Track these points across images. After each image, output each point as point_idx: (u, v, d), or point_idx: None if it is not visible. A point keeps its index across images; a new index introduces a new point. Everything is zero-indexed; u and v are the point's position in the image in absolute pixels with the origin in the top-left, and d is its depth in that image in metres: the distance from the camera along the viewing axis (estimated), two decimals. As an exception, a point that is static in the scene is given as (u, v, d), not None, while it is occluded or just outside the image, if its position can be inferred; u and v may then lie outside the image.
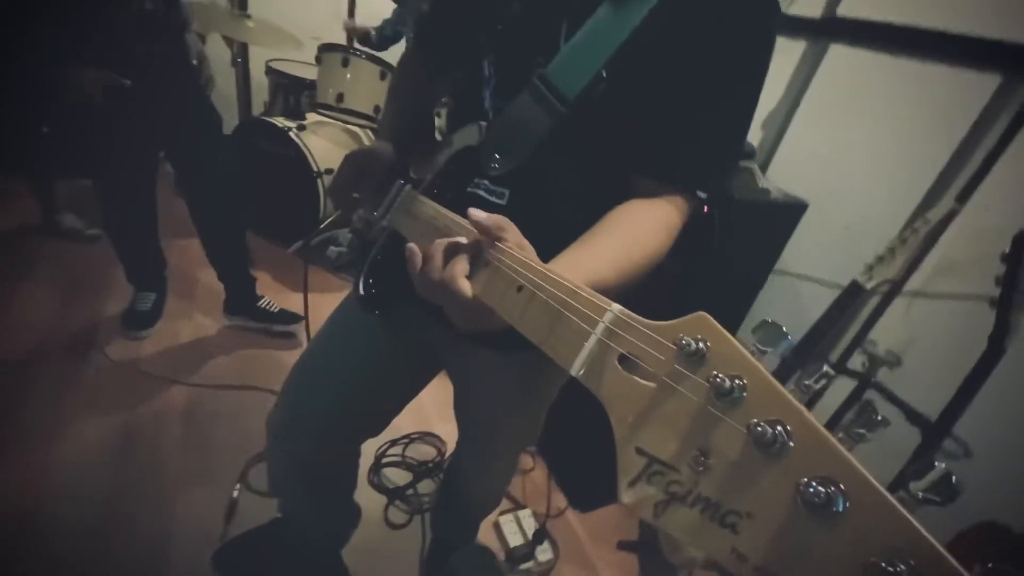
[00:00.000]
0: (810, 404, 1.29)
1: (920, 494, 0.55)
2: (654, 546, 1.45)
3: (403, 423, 1.74)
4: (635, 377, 0.34)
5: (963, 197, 1.24)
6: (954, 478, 0.55)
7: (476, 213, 0.51)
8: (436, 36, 0.84)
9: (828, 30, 1.62)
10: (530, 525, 1.51)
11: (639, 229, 0.61)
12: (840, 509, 0.24)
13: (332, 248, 0.82)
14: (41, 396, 1.56)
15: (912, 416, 1.10)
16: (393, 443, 1.68)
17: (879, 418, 0.57)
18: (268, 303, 2.05)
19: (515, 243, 0.50)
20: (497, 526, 1.50)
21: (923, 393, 1.15)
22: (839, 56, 1.59)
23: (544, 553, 1.46)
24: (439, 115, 2.28)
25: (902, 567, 0.21)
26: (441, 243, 0.52)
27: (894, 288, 1.31)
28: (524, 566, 1.43)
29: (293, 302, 2.13)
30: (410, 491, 1.56)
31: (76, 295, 1.99)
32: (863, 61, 1.52)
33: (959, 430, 1.02)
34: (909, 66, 1.42)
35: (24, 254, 2.14)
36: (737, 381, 0.29)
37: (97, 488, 1.35)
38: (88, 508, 1.29)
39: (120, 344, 1.81)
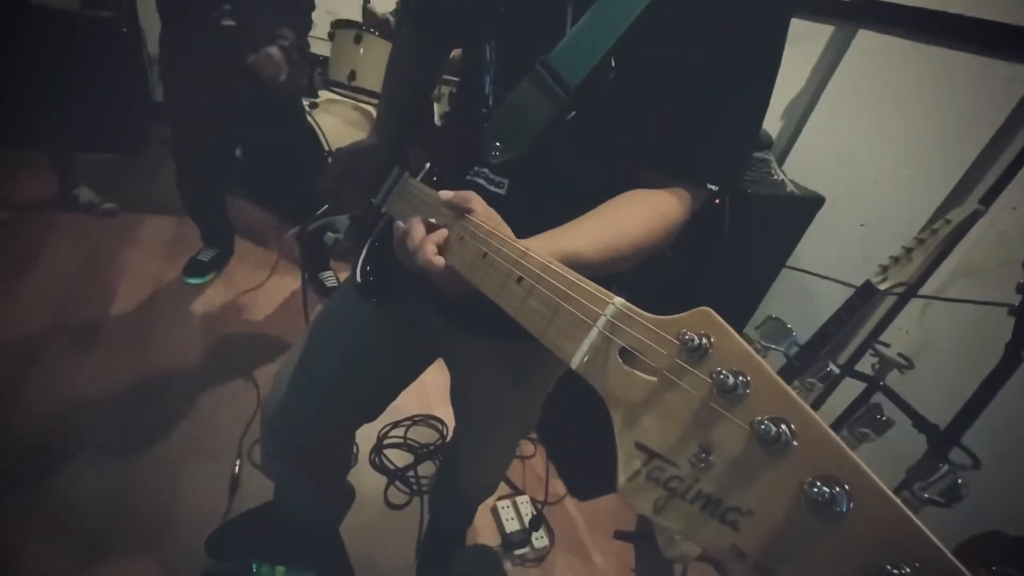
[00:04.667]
0: (815, 405, 1.28)
1: (924, 495, 0.54)
2: (650, 538, 1.45)
3: (406, 405, 1.75)
4: (636, 371, 0.34)
5: (988, 198, 1.21)
6: (959, 480, 0.53)
7: (444, 193, 0.55)
8: (435, 18, 0.81)
9: (858, 14, 1.55)
10: (527, 511, 1.52)
11: (630, 213, 0.60)
12: (844, 509, 0.23)
13: (329, 235, 0.81)
14: (51, 368, 1.59)
15: (920, 423, 1.08)
16: (395, 425, 1.70)
17: (884, 418, 0.55)
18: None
19: (483, 214, 0.53)
20: (494, 511, 1.52)
21: (934, 400, 1.12)
22: (868, 42, 1.53)
23: (540, 540, 1.47)
24: (438, 100, 2.26)
25: (907, 570, 0.21)
26: (417, 219, 0.56)
27: (909, 290, 1.28)
28: (519, 552, 1.44)
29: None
30: (410, 473, 1.58)
31: (89, 269, 2.01)
32: (893, 48, 1.46)
33: (969, 439, 1.00)
34: (942, 55, 1.37)
35: (40, 227, 2.16)
36: (740, 378, 0.28)
37: (104, 458, 1.37)
38: (94, 477, 1.32)
39: (132, 318, 1.84)
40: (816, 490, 0.23)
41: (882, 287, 1.15)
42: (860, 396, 1.27)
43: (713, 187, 0.61)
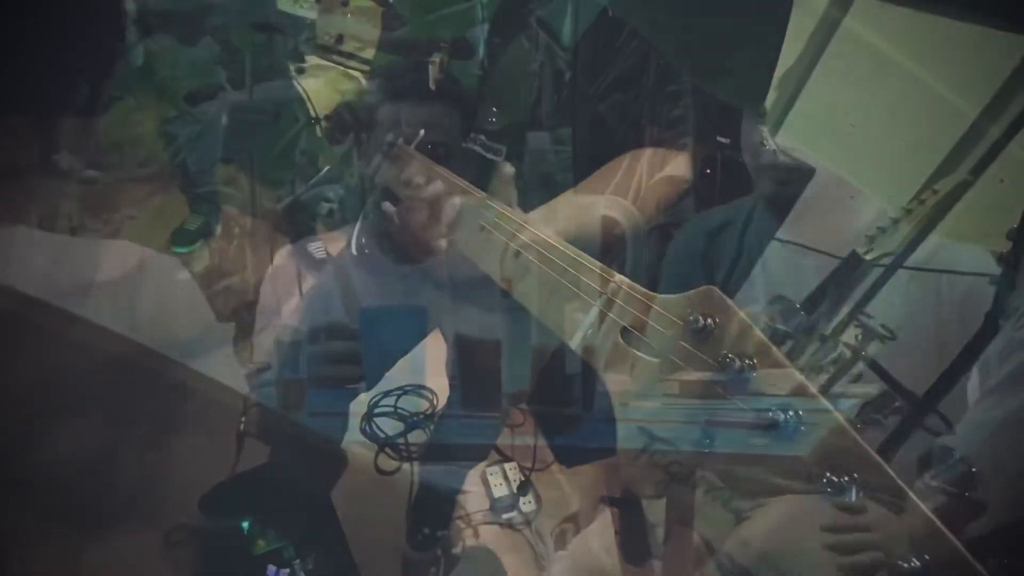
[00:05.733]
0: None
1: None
2: (636, 502, 1.50)
3: (395, 375, 1.75)
4: (638, 352, 0.33)
5: (978, 169, 1.21)
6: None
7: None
8: None
9: (857, -20, 1.51)
10: (515, 477, 1.56)
11: (632, 176, 0.58)
12: (853, 500, 0.23)
13: (323, 204, 0.79)
14: (35, 339, 1.54)
15: (899, 391, 1.11)
16: (386, 394, 1.70)
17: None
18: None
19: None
20: (483, 477, 1.55)
21: (913, 368, 1.15)
22: (867, 10, 1.50)
23: (528, 504, 1.51)
24: (433, 63, 2.18)
25: (917, 563, 0.21)
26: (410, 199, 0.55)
27: (895, 261, 1.29)
28: (507, 516, 1.48)
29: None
30: (400, 440, 1.59)
31: (71, 237, 1.93)
32: (893, 16, 1.43)
33: (946, 405, 1.04)
34: (940, 24, 1.33)
35: (20, 193, 2.05)
36: (747, 361, 0.28)
37: (94, 427, 1.36)
38: (85, 446, 1.32)
39: (118, 287, 1.77)
40: (825, 480, 0.23)
41: (868, 257, 1.16)
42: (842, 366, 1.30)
43: (724, 140, 0.60)
